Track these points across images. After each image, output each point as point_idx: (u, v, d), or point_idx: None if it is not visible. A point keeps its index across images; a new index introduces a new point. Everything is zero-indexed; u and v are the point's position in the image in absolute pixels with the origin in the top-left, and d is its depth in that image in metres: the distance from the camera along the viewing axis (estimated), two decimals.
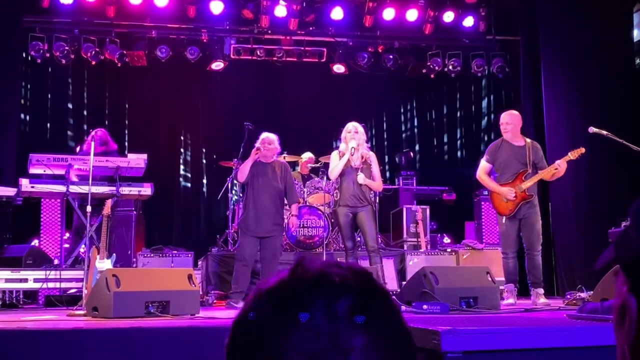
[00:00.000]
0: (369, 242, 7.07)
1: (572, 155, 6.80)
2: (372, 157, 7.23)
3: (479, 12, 10.94)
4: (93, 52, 10.13)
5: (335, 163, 7.17)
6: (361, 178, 7.03)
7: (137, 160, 7.41)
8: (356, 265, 0.89)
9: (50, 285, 7.23)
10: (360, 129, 7.23)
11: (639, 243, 0.85)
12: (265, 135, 7.34)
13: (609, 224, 7.81)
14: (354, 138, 7.08)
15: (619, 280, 0.90)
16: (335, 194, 7.28)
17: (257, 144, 7.24)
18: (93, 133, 8.27)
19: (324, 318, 0.80)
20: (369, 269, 4.81)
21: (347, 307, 0.81)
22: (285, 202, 7.56)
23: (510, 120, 7.07)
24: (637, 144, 6.54)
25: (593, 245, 8.55)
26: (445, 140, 12.39)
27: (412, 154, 11.72)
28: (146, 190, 7.33)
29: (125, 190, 7.19)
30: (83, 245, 7.03)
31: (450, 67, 11.00)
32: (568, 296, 6.89)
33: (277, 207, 7.25)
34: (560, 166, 6.78)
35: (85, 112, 11.17)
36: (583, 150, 6.80)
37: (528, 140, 7.12)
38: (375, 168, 7.20)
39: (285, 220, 7.67)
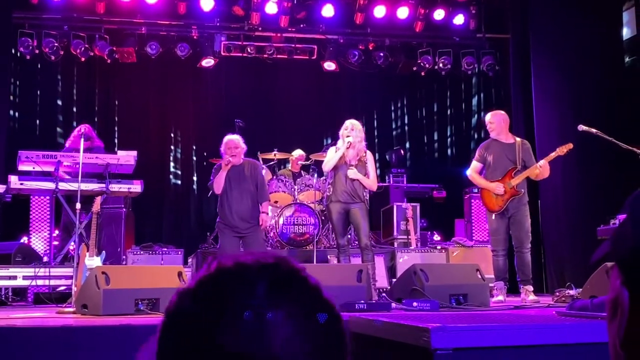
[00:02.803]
0: (362, 239, 7.06)
1: (561, 151, 6.88)
2: (369, 156, 7.25)
3: (470, 10, 10.96)
4: (82, 49, 10.08)
5: (327, 158, 7.18)
6: (352, 173, 7.03)
7: (126, 157, 7.37)
8: (269, 252, 0.95)
9: (40, 282, 7.20)
10: (358, 126, 7.25)
11: (635, 237, 0.85)
12: (228, 139, 7.28)
13: (599, 222, 7.84)
14: (349, 135, 7.10)
15: (613, 274, 0.91)
16: (328, 189, 7.27)
17: (224, 150, 7.19)
18: (80, 129, 8.20)
19: (248, 303, 0.86)
20: (360, 267, 4.79)
21: (265, 286, 0.87)
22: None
23: (493, 120, 7.20)
24: (627, 142, 6.57)
25: (582, 243, 8.58)
26: (436, 138, 12.41)
27: (402, 151, 11.73)
28: (136, 187, 7.29)
29: (115, 187, 7.15)
30: (72, 243, 6.99)
31: (441, 65, 11.02)
32: (557, 293, 6.92)
33: (251, 207, 7.25)
34: (542, 167, 6.85)
35: (74, 109, 11.11)
36: (571, 145, 6.87)
37: (518, 139, 7.22)
38: (371, 166, 7.22)
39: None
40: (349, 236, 7.84)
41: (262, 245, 7.47)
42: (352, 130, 7.12)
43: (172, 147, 11.63)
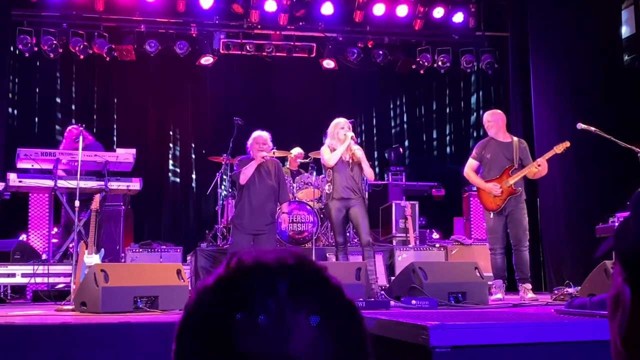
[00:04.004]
0: (363, 237, 7.07)
1: (558, 149, 6.88)
2: (360, 149, 7.30)
3: (469, 8, 10.97)
4: (81, 47, 10.08)
5: (329, 155, 7.16)
6: (358, 152, 7.11)
7: (125, 155, 7.36)
8: (290, 249, 0.92)
9: (38, 280, 7.20)
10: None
11: (638, 233, 0.85)
12: (258, 134, 7.38)
13: (597, 220, 7.85)
14: (348, 131, 7.14)
15: (615, 271, 0.90)
16: (328, 187, 7.26)
17: (252, 145, 7.24)
18: (73, 131, 8.15)
19: (270, 302, 0.83)
20: (359, 265, 4.78)
21: (287, 286, 0.85)
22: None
23: (491, 118, 7.20)
24: (625, 140, 6.58)
25: (581, 241, 8.60)
26: (435, 136, 12.40)
27: (401, 149, 11.73)
28: (135, 185, 7.29)
29: (114, 185, 7.15)
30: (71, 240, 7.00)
31: (440, 63, 11.02)
32: (556, 292, 6.93)
33: (271, 204, 7.31)
34: (540, 166, 6.84)
35: (73, 107, 11.10)
36: (568, 143, 6.86)
37: (515, 138, 7.22)
38: (364, 159, 7.26)
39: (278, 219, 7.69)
40: (348, 234, 7.84)
41: (274, 246, 7.49)
42: (349, 129, 7.17)
43: (171, 145, 11.63)
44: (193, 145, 11.71)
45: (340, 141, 7.13)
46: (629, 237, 0.87)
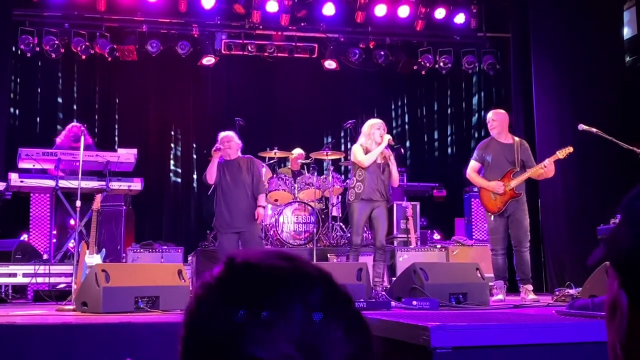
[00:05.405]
0: (380, 239, 7.10)
1: (560, 154, 6.87)
2: (391, 155, 7.31)
3: (471, 9, 10.96)
4: (83, 47, 10.08)
5: (363, 156, 7.14)
6: (387, 138, 7.11)
7: (127, 155, 7.37)
8: (294, 255, 0.88)
9: (40, 280, 7.20)
10: None
11: (629, 238, 0.84)
12: (223, 134, 7.36)
13: (598, 221, 7.83)
14: (384, 133, 7.15)
15: (610, 276, 0.89)
16: (358, 187, 7.18)
17: (217, 145, 7.23)
18: (79, 128, 8.16)
19: (302, 313, 0.80)
20: (360, 265, 4.77)
21: (319, 298, 0.82)
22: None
23: (495, 118, 7.18)
24: (626, 141, 6.57)
25: (582, 242, 8.58)
26: (436, 136, 12.41)
27: (402, 150, 11.72)
28: (136, 185, 7.30)
29: (115, 185, 7.16)
30: (72, 240, 7.00)
31: (441, 64, 11.02)
32: (557, 293, 6.92)
33: (248, 200, 7.20)
34: (546, 167, 6.83)
35: (75, 107, 11.11)
36: (571, 149, 6.86)
37: (517, 139, 7.21)
38: (393, 164, 7.28)
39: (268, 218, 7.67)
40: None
41: (260, 243, 7.46)
42: (384, 130, 7.17)
43: (172, 145, 11.64)
44: (194, 146, 11.71)
45: (375, 142, 7.13)
46: (621, 241, 0.86)
